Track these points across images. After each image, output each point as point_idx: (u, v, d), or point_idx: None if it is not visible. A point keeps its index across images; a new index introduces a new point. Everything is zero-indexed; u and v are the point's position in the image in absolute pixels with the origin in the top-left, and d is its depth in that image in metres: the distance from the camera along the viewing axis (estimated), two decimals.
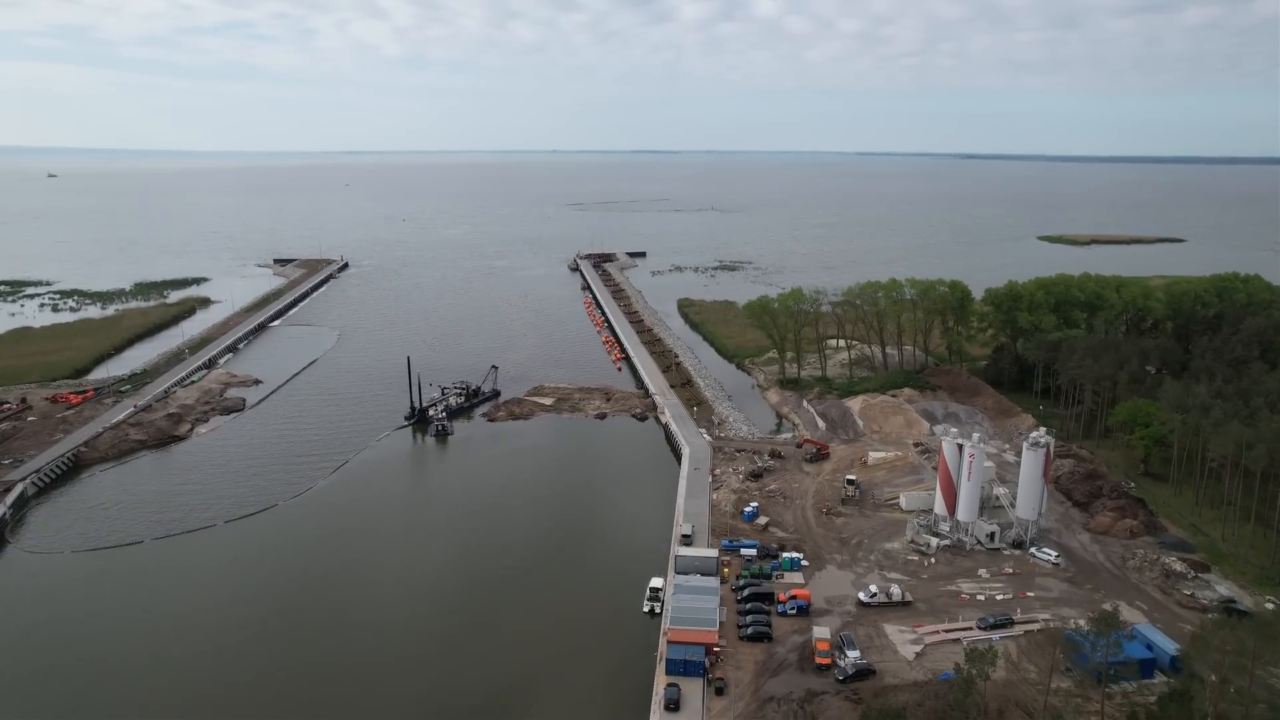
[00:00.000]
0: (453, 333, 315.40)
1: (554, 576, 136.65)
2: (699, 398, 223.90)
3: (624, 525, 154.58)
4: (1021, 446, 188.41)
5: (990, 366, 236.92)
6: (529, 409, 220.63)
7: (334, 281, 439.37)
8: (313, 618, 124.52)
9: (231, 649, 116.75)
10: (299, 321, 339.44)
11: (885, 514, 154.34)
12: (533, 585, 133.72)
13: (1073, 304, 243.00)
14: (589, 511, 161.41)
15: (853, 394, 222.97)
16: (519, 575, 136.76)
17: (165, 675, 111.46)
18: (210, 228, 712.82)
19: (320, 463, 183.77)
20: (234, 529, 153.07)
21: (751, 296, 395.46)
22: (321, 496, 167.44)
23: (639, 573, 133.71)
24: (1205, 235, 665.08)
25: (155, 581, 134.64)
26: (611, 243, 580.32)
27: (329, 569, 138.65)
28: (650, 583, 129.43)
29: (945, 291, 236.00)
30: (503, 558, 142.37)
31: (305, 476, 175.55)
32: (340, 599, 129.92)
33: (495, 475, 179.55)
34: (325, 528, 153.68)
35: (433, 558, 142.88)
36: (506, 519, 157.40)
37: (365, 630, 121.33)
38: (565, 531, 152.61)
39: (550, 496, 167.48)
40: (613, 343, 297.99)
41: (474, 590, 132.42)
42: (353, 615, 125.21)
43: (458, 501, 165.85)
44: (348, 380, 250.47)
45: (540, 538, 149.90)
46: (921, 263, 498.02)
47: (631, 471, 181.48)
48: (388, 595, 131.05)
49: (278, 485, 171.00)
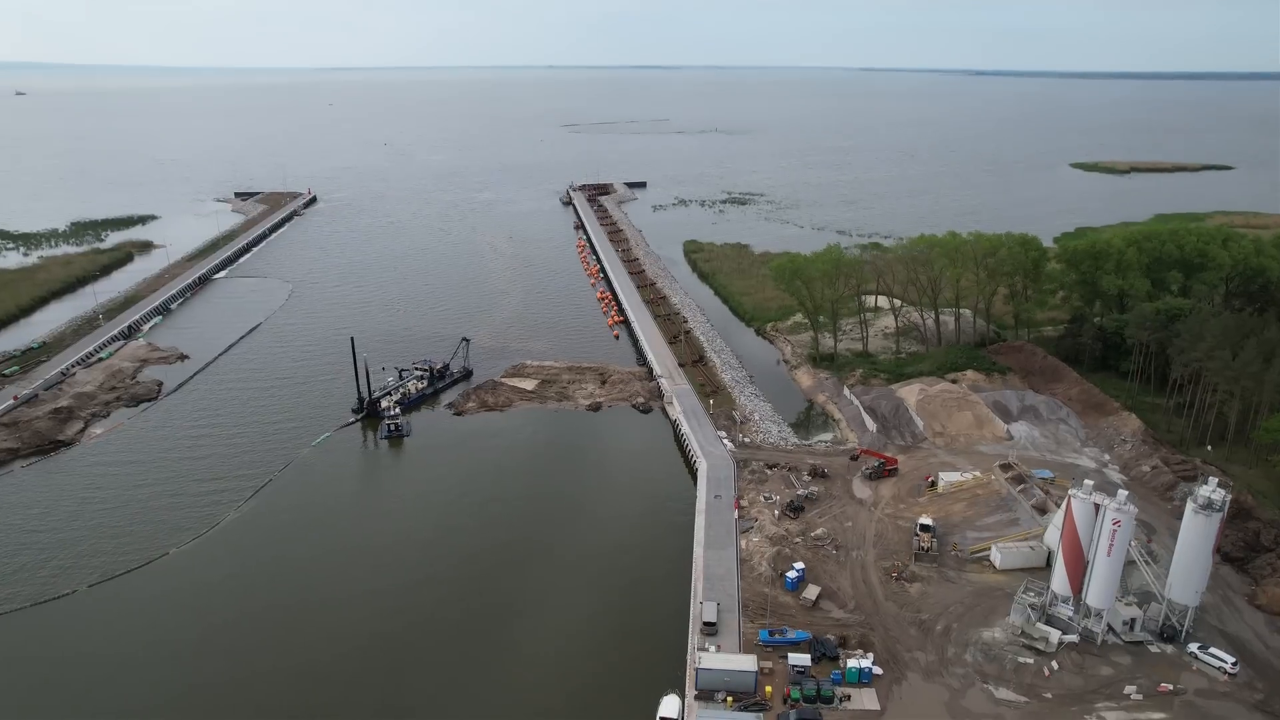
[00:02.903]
0: (424, 287, 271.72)
1: (514, 694, 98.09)
2: (715, 381, 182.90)
3: (624, 595, 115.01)
4: (1121, 453, 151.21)
5: (1066, 340, 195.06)
6: (505, 397, 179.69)
7: (298, 219, 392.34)
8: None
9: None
10: (249, 272, 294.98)
11: (973, 575, 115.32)
12: (484, 701, 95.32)
13: (1168, 262, 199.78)
14: (573, 568, 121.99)
15: (904, 377, 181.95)
16: (462, 682, 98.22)
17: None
18: (170, 155, 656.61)
19: (238, 481, 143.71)
20: (101, 596, 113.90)
21: (766, 236, 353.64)
22: (227, 538, 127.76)
23: (643, 688, 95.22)
24: (1253, 161, 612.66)
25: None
26: (609, 171, 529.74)
27: (228, 646, 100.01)
28: (660, 710, 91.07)
29: (1017, 250, 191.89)
30: (439, 656, 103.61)
31: (212, 506, 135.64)
32: (231, 686, 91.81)
33: (453, 504, 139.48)
34: (222, 591, 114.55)
35: (345, 650, 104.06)
36: (457, 586, 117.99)
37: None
38: (538, 608, 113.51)
39: (521, 548, 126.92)
40: (609, 300, 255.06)
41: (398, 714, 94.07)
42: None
43: (398, 554, 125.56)
44: (292, 354, 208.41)
45: (501, 616, 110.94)
46: (950, 196, 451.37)
47: (632, 498, 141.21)
48: (291, 689, 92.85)
49: (175, 520, 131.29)
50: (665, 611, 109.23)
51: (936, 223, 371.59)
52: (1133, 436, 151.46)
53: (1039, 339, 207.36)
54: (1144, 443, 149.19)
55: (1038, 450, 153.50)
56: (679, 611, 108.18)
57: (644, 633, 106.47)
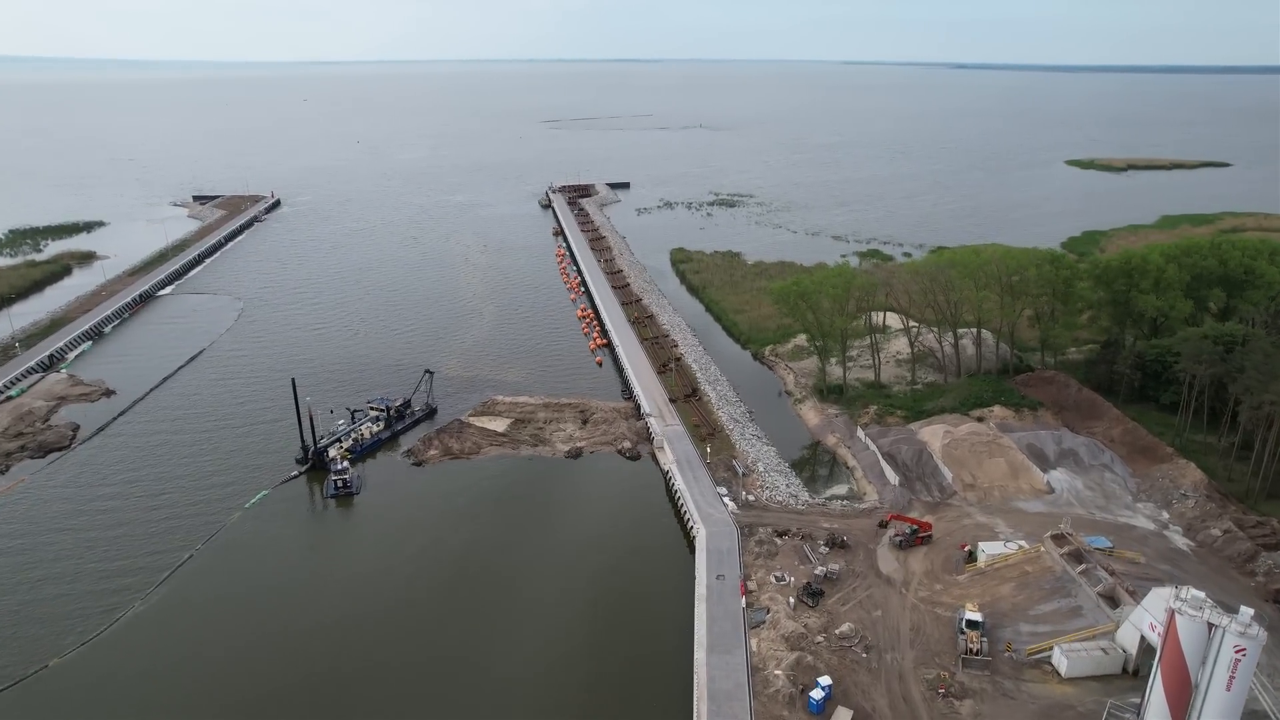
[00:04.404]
0: (388, 305, 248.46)
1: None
2: (711, 421, 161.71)
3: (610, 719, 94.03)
4: (1183, 511, 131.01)
5: (1099, 367, 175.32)
6: (473, 442, 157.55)
7: (258, 226, 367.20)
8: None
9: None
10: (198, 287, 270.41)
11: (1035, 685, 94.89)
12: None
13: (1209, 279, 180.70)
14: (546, 683, 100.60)
15: (923, 414, 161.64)
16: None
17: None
18: (127, 154, 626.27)
19: (151, 559, 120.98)
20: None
21: (758, 242, 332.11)
22: (124, 641, 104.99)
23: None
24: (1250, 158, 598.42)
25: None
26: (590, 170, 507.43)
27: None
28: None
29: (1048, 269, 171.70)
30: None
31: (113, 596, 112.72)
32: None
33: (410, 580, 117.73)
34: (110, 712, 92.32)
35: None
36: (403, 687, 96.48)
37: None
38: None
39: (481, 647, 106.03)
40: (591, 318, 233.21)
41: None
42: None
43: (339, 640, 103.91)
44: (234, 389, 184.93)
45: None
46: (947, 197, 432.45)
47: (618, 577, 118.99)
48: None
49: (64, 618, 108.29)
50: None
51: (937, 226, 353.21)
52: (1194, 491, 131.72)
53: (1064, 363, 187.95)
54: (1209, 499, 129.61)
55: (1083, 506, 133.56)
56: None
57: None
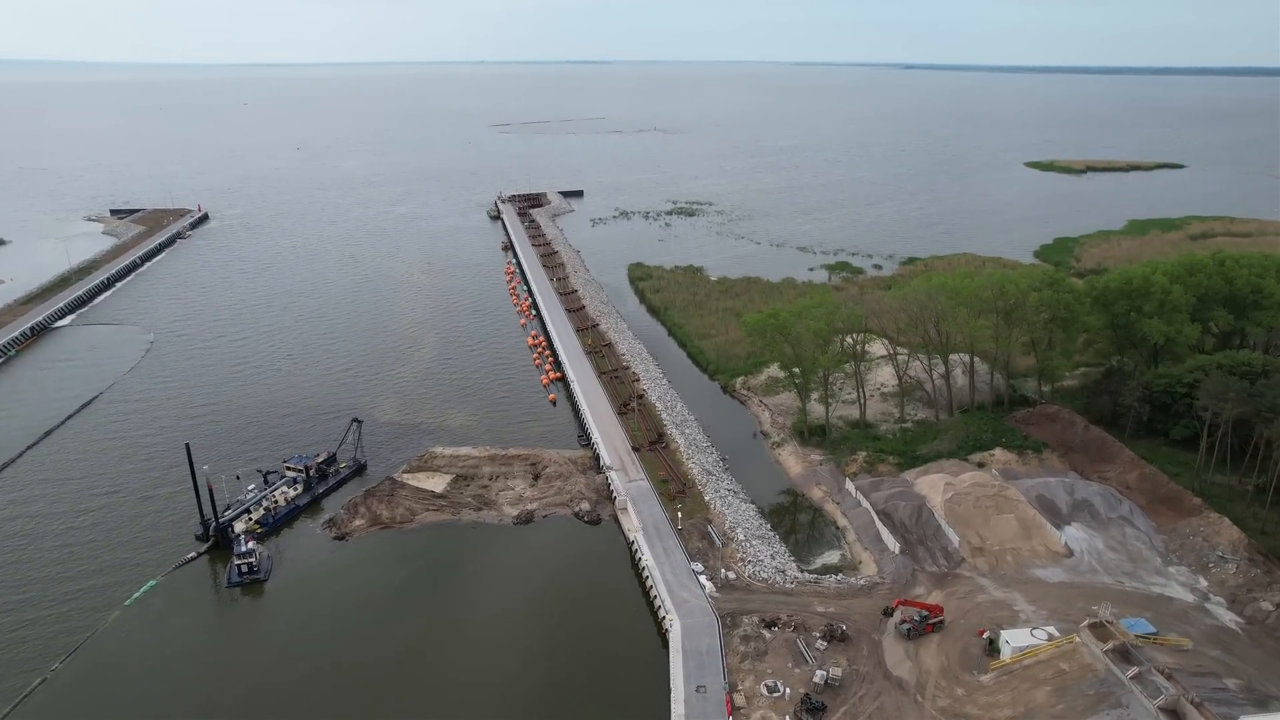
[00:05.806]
0: (319, 336, 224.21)
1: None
2: (681, 474, 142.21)
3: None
4: (1222, 577, 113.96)
5: (1101, 399, 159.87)
6: (406, 507, 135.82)
7: (181, 243, 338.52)
8: None
9: None
10: (104, 316, 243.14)
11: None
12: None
13: (1213, 300, 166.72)
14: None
15: (917, 460, 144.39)
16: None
17: None
18: (39, 163, 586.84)
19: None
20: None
21: (720, 255, 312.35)
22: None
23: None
24: (1203, 159, 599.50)
25: None
26: (541, 177, 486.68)
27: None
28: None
29: (1049, 295, 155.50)
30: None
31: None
32: None
33: (322, 698, 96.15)
34: None
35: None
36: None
37: None
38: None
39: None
40: (543, 346, 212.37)
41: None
42: None
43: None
44: (130, 446, 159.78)
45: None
46: (910, 204, 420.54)
47: (574, 691, 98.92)
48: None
49: None
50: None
51: (905, 236, 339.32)
52: (1233, 553, 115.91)
53: (1061, 392, 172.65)
54: (1252, 562, 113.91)
55: (1109, 572, 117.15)
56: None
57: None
